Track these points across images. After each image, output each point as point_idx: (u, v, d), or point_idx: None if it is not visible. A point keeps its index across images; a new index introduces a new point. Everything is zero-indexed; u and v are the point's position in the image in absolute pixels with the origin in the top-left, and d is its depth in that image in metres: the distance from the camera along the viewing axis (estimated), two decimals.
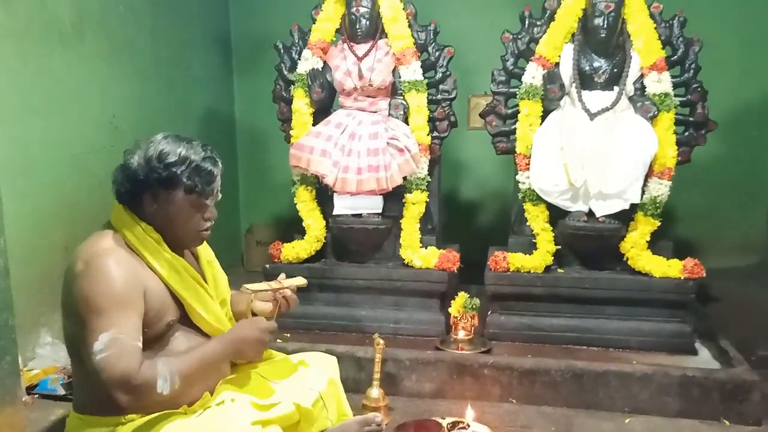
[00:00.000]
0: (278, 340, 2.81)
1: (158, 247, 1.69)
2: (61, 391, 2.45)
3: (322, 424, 1.92)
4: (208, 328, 1.77)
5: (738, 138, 3.92)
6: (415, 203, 3.00)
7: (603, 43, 2.87)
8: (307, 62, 3.07)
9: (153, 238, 1.68)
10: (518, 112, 2.96)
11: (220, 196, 1.77)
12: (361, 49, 3.05)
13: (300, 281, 1.98)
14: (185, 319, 1.75)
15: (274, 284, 1.92)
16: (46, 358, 2.67)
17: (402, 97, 3.03)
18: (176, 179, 1.65)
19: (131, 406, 1.52)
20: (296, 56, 3.16)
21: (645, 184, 2.80)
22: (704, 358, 2.71)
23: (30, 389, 2.45)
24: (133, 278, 1.60)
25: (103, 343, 1.48)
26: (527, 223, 2.95)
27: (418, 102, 2.99)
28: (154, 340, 1.66)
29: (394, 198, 3.03)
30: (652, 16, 2.88)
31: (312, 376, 1.94)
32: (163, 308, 1.67)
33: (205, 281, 1.84)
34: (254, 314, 1.94)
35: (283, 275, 2.00)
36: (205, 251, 1.92)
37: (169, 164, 1.64)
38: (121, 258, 1.61)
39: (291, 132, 3.10)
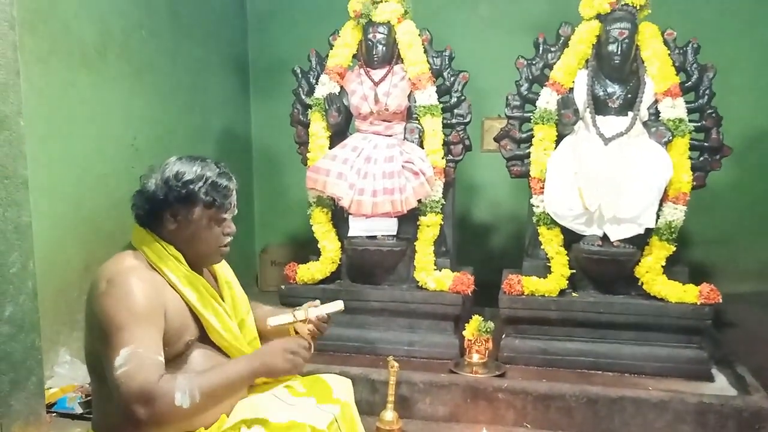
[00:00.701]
0: None
1: (179, 265, 1.72)
2: (79, 410, 2.48)
3: None
4: (227, 347, 1.79)
5: (753, 163, 3.92)
6: (430, 226, 3.02)
7: (617, 69, 2.90)
8: (325, 87, 3.12)
9: (173, 255, 1.72)
10: (532, 136, 2.98)
11: (236, 211, 1.82)
12: (378, 74, 3.10)
13: (337, 307, 1.95)
14: (204, 339, 1.78)
15: (299, 314, 1.88)
16: (64, 376, 2.70)
17: (417, 121, 3.07)
18: (194, 196, 1.70)
19: (150, 421, 1.52)
20: (314, 81, 3.22)
21: (660, 209, 2.80)
22: (721, 385, 2.69)
23: (48, 407, 2.47)
24: (154, 296, 1.62)
25: (123, 358, 1.50)
26: (541, 247, 2.95)
27: (433, 126, 3.03)
28: (173, 359, 1.67)
29: (409, 220, 3.05)
30: (665, 42, 2.91)
31: (326, 398, 1.94)
32: (182, 327, 1.70)
33: (223, 301, 1.87)
34: (296, 332, 1.94)
35: (317, 302, 1.98)
36: (224, 272, 1.94)
37: (186, 182, 1.69)
38: (144, 276, 1.64)
39: (308, 155, 3.15)
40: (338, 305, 1.96)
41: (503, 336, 2.94)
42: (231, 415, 1.79)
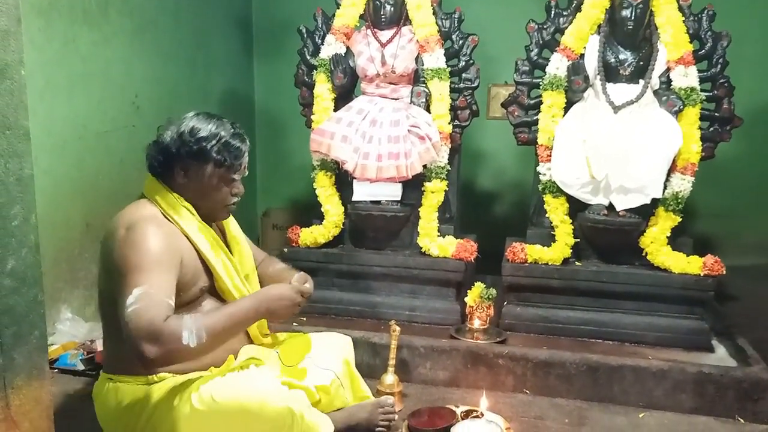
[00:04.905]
0: (294, 324, 2.83)
1: (191, 215, 1.77)
2: (80, 367, 2.50)
3: (342, 402, 1.99)
4: (232, 299, 1.82)
5: (760, 135, 3.88)
6: (435, 192, 3.00)
7: (630, 35, 2.83)
8: (331, 47, 3.06)
9: (185, 207, 1.77)
10: (541, 102, 2.94)
11: (246, 172, 1.85)
12: (385, 35, 3.04)
13: None
14: (213, 291, 1.83)
15: None
16: (66, 333, 2.71)
17: (424, 85, 3.02)
18: (206, 153, 1.74)
19: (158, 358, 1.54)
20: (319, 41, 3.15)
21: (667, 179, 2.77)
22: (720, 356, 2.69)
23: (50, 364, 2.48)
24: (172, 243, 1.67)
25: (134, 297, 1.53)
26: (546, 215, 2.93)
27: (440, 90, 2.98)
28: (186, 305, 1.72)
29: (413, 186, 3.02)
30: (680, 8, 2.84)
31: (326, 356, 2.00)
32: (196, 274, 1.75)
33: (232, 255, 1.91)
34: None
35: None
36: (231, 227, 1.98)
37: (200, 138, 1.73)
38: (162, 223, 1.70)
39: (312, 117, 3.10)
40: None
41: (505, 303, 2.94)
42: (238, 358, 1.86)
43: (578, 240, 2.87)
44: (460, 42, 3.05)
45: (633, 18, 2.79)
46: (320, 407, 1.87)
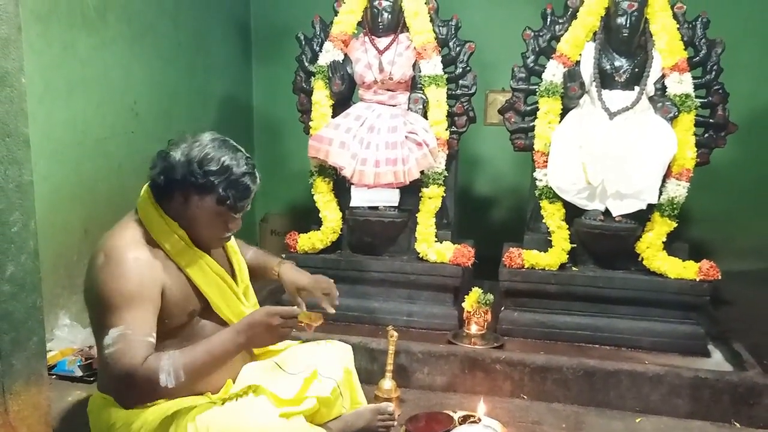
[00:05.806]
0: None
1: (183, 244, 1.71)
2: (79, 373, 2.49)
3: (338, 411, 1.97)
4: (231, 321, 1.78)
5: (755, 141, 3.90)
6: (432, 198, 3.01)
7: (625, 42, 2.86)
8: (329, 54, 3.08)
9: (178, 234, 1.70)
10: (537, 109, 2.96)
11: (249, 207, 1.77)
12: (383, 42, 3.06)
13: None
14: (211, 310, 1.78)
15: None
16: (64, 339, 2.71)
17: (422, 92, 3.04)
18: (211, 188, 1.64)
19: (137, 401, 1.53)
20: (317, 48, 3.17)
21: (663, 185, 2.79)
22: (716, 361, 2.71)
23: (47, 370, 2.48)
24: (151, 274, 1.61)
25: (111, 338, 1.50)
26: (543, 221, 2.95)
27: (437, 96, 3.00)
28: (178, 329, 1.68)
29: (411, 192, 3.03)
30: (675, 16, 2.87)
31: (328, 365, 1.96)
32: (184, 299, 1.69)
33: (233, 272, 1.87)
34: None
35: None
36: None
37: (208, 172, 1.63)
38: (142, 253, 1.62)
39: (310, 123, 3.12)
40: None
41: (502, 308, 2.95)
42: (237, 381, 1.82)
43: (575, 245, 2.89)
44: (458, 49, 3.07)
45: (628, 25, 2.81)
46: (318, 417, 1.86)
